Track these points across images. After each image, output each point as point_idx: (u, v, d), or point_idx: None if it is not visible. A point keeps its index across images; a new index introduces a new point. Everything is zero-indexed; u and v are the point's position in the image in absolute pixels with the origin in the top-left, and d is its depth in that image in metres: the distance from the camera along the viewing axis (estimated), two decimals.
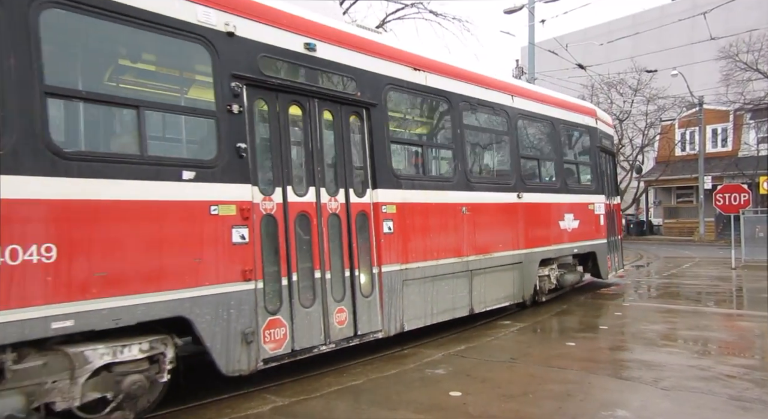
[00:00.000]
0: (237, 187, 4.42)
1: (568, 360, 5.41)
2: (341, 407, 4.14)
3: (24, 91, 3.37)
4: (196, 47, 4.30)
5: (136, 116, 3.93)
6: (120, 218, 3.72)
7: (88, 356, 3.58)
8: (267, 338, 4.55)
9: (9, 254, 3.21)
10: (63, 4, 3.59)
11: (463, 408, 4.09)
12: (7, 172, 3.25)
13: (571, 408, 4.08)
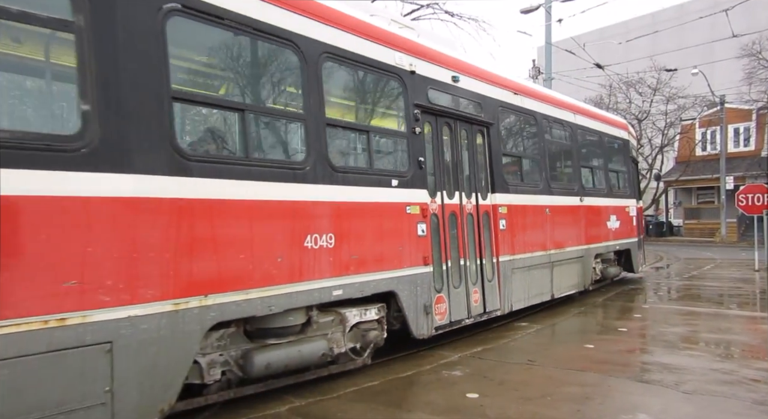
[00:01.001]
0: (419, 192, 5.66)
1: (587, 362, 5.35)
2: (358, 408, 4.13)
3: (313, 127, 4.58)
4: (393, 83, 5.61)
5: (367, 139, 5.28)
6: (364, 215, 4.99)
7: (348, 316, 4.86)
8: (436, 310, 5.80)
9: (309, 242, 4.41)
10: (334, 57, 4.89)
11: (480, 410, 4.05)
12: (310, 182, 4.49)
13: (590, 412, 4.03)
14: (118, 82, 3.33)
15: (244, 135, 4.14)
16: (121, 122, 3.32)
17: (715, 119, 28.81)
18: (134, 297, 3.29)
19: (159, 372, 3.41)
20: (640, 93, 29.74)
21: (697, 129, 31.31)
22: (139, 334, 3.29)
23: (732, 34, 17.68)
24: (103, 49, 3.26)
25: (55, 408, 2.94)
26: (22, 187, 2.88)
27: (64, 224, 3.05)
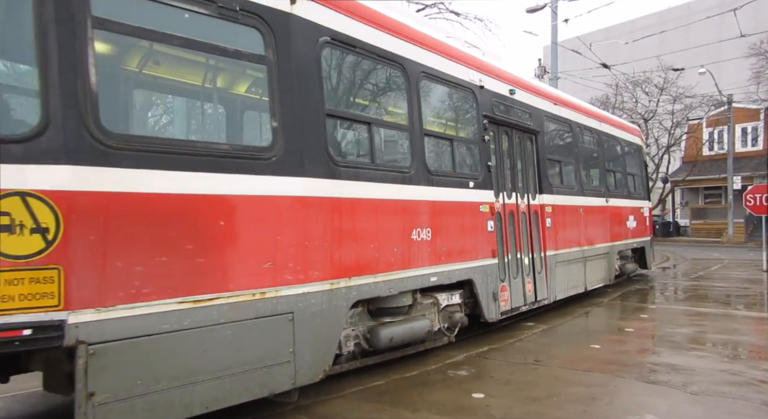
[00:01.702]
0: (488, 192, 6.40)
1: (593, 363, 5.32)
2: (363, 408, 4.13)
3: (415, 136, 5.33)
4: (468, 97, 6.36)
5: (450, 146, 6.03)
6: (451, 212, 5.72)
7: (440, 299, 5.68)
8: (501, 297, 6.52)
9: (417, 234, 5.15)
10: (428, 76, 5.65)
11: (486, 410, 4.04)
12: (414, 183, 5.22)
13: (596, 412, 4.01)
14: (293, 102, 4.04)
15: (371, 144, 4.89)
16: (295, 136, 4.03)
17: (722, 119, 28.63)
18: (306, 277, 4.04)
19: (322, 340, 4.17)
20: (647, 92, 29.59)
21: (704, 129, 31.11)
22: (310, 307, 4.05)
23: (740, 34, 17.55)
24: (283, 76, 3.98)
25: (259, 363, 3.71)
26: (234, 187, 3.61)
27: (263, 217, 3.79)
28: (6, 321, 2.75)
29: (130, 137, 3.32)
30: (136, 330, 3.11)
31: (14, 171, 2.80)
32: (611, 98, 30.36)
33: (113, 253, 3.05)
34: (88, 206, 2.99)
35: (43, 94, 2.95)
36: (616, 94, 30.11)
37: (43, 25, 2.95)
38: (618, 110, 29.66)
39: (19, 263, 2.80)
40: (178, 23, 3.50)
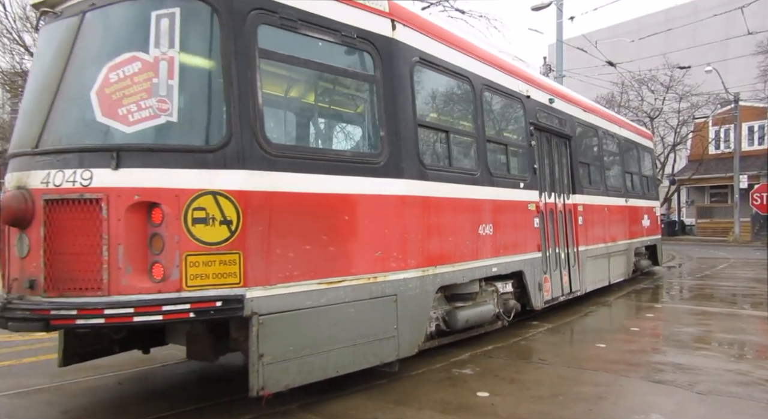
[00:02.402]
0: (533, 192, 7.05)
1: (599, 362, 5.30)
2: (368, 406, 4.12)
3: (480, 142, 6.03)
4: (518, 106, 7.05)
5: (505, 150, 6.69)
6: (506, 210, 6.35)
7: (499, 288, 6.30)
8: (544, 288, 7.18)
9: (483, 229, 5.84)
10: (489, 88, 6.34)
11: (492, 409, 4.03)
12: (480, 184, 5.89)
13: (602, 411, 3.99)
14: (395, 114, 4.66)
15: (448, 149, 5.56)
16: (397, 143, 4.65)
17: (729, 117, 28.47)
18: (406, 265, 4.68)
19: (416, 319, 4.85)
20: (653, 91, 29.45)
21: (710, 127, 30.94)
22: (408, 291, 4.69)
23: (747, 32, 17.45)
24: (387, 92, 4.62)
25: (373, 336, 4.37)
26: (355, 188, 4.28)
27: (375, 213, 4.43)
28: (204, 295, 3.46)
29: (284, 147, 4.00)
30: (289, 305, 3.79)
31: (207, 175, 3.51)
32: (617, 97, 30.23)
33: (274, 241, 3.72)
34: (258, 203, 3.65)
35: (227, 113, 3.62)
36: (621, 93, 29.99)
37: (227, 57, 3.64)
38: (623, 108, 29.54)
39: (212, 249, 3.48)
40: (313, 51, 4.24)
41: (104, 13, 3.83)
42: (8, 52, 15.09)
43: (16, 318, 3.46)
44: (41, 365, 5.37)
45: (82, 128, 3.75)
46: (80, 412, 4.07)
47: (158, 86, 3.56)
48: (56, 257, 3.46)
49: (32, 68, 4.44)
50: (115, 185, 3.44)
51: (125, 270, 3.41)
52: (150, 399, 4.34)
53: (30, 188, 3.56)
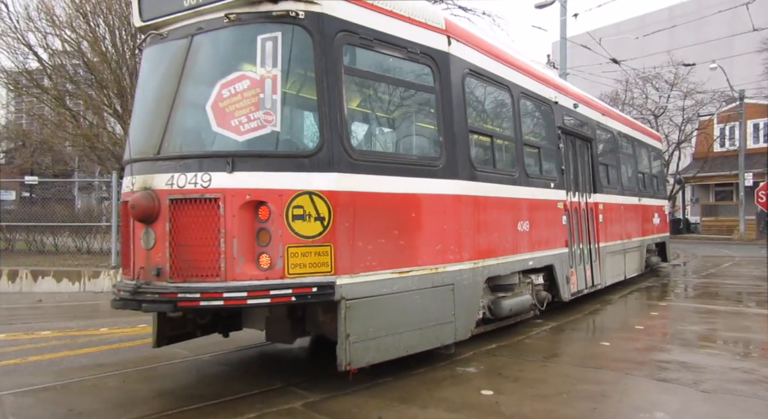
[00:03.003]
0: (561, 192, 7.56)
1: (603, 360, 5.29)
2: (371, 404, 4.12)
3: (518, 146, 6.58)
4: (548, 111, 7.56)
5: (538, 153, 7.18)
6: (540, 208, 6.88)
7: (534, 280, 6.81)
8: (571, 281, 7.68)
9: (522, 226, 6.34)
10: (525, 96, 6.92)
11: (495, 407, 4.02)
12: (518, 184, 6.39)
13: (606, 410, 3.98)
14: (451, 121, 5.17)
15: (493, 152, 6.07)
16: (453, 147, 5.14)
17: (734, 115, 28.31)
18: (461, 257, 5.18)
19: (469, 307, 5.38)
20: (657, 88, 29.32)
21: (715, 125, 30.79)
22: (463, 281, 5.18)
23: (752, 28, 17.34)
24: (444, 101, 5.12)
25: (435, 321, 4.89)
26: (419, 188, 4.78)
27: (435, 210, 4.94)
28: (303, 281, 3.97)
29: (363, 152, 4.49)
30: (369, 292, 4.28)
31: (304, 177, 4.02)
32: (621, 94, 30.11)
33: (357, 235, 4.21)
34: (345, 202, 4.14)
35: (320, 123, 4.15)
36: (626, 90, 29.87)
37: (319, 74, 4.16)
38: (628, 106, 29.43)
39: (308, 241, 3.99)
40: (385, 66, 4.81)
41: (213, 37, 4.35)
42: (12, 52, 15.12)
43: (147, 300, 4.00)
44: (46, 363, 5.39)
45: (200, 137, 4.33)
46: (85, 410, 4.08)
47: (264, 101, 4.06)
48: (180, 249, 3.99)
49: (142, 84, 4.93)
50: (230, 186, 3.97)
51: (239, 260, 3.93)
52: (154, 397, 4.35)
53: (156, 189, 4.09)
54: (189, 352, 5.73)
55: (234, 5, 4.22)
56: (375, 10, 4.55)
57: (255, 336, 5.98)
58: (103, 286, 11.07)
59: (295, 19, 4.14)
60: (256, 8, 4.17)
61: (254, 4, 4.18)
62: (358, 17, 4.42)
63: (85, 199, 24.95)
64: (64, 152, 20.73)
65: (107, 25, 14.14)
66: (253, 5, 4.18)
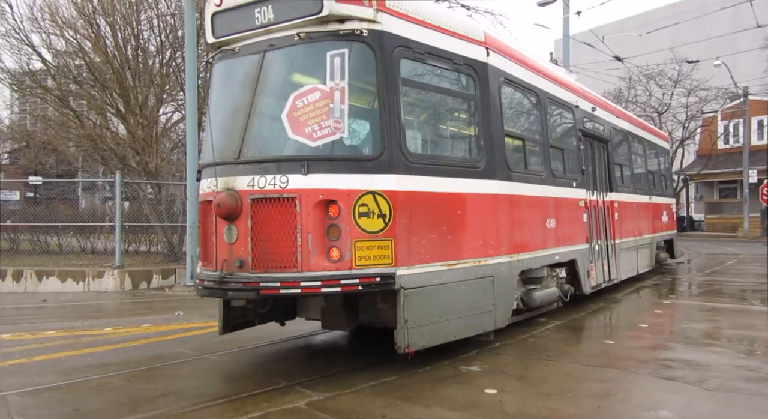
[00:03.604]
0: (582, 191, 7.95)
1: (607, 359, 5.28)
2: (375, 403, 4.13)
3: (546, 147, 7.05)
4: (569, 115, 8.01)
5: (562, 154, 7.57)
6: (564, 206, 7.31)
7: (558, 273, 7.20)
8: (591, 275, 8.06)
9: (549, 223, 6.76)
10: (550, 100, 7.34)
11: (499, 406, 4.02)
12: (545, 184, 6.78)
13: (610, 408, 3.98)
14: (489, 126, 5.57)
15: (524, 154, 6.48)
16: (491, 150, 5.56)
17: (737, 112, 28.21)
18: (499, 251, 5.61)
19: (507, 297, 5.81)
20: (661, 86, 29.22)
21: (719, 122, 30.68)
22: (501, 273, 5.61)
23: (756, 25, 17.26)
24: (484, 107, 5.56)
25: (478, 310, 5.32)
26: (464, 187, 5.24)
27: (477, 208, 5.38)
28: (368, 272, 4.41)
29: (417, 156, 4.90)
30: (423, 282, 4.69)
31: (368, 178, 4.46)
32: (624, 92, 30.02)
33: (413, 230, 4.64)
34: (403, 200, 4.57)
35: (381, 130, 4.58)
36: (629, 88, 29.78)
37: (380, 86, 4.60)
38: (631, 103, 29.33)
39: (372, 236, 4.42)
40: (434, 77, 5.27)
41: (285, 53, 4.80)
42: (16, 53, 15.15)
43: (232, 289, 4.51)
44: (51, 363, 5.42)
45: (276, 143, 4.76)
46: (90, 410, 4.10)
47: (334, 110, 4.48)
48: (260, 243, 4.43)
49: (216, 94, 5.36)
50: (305, 187, 4.41)
51: (313, 252, 4.37)
52: (159, 396, 4.36)
53: (238, 190, 4.51)
54: (193, 352, 5.75)
55: (304, 25, 4.63)
56: (425, 26, 5.01)
57: (261, 335, 6.00)
58: (107, 286, 11.11)
59: (359, 37, 4.57)
60: (325, 27, 4.60)
61: (323, 23, 4.59)
62: (412, 33, 4.87)
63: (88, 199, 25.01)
64: (68, 153, 20.77)
65: (110, 26, 14.17)
66: (322, 25, 4.60)
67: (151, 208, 13.73)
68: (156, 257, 13.79)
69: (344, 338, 6.54)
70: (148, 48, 15.08)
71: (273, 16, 4.76)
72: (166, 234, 13.78)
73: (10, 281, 11.36)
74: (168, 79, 15.27)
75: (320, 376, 4.77)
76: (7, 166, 32.52)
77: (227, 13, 5.06)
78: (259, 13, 4.82)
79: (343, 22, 4.57)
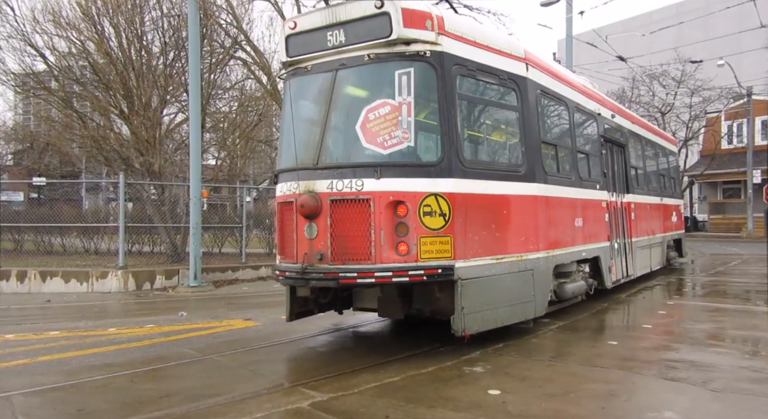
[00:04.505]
0: (605, 192, 8.54)
1: (611, 359, 5.27)
2: (379, 403, 4.12)
3: (573, 152, 7.67)
4: (593, 122, 8.59)
5: (587, 159, 8.09)
6: (589, 206, 7.87)
7: (584, 268, 7.75)
8: (611, 271, 8.61)
9: (577, 222, 7.34)
10: (578, 110, 7.99)
11: (503, 406, 4.01)
12: (574, 186, 7.35)
13: (615, 409, 3.97)
14: (529, 134, 6.18)
15: (556, 159, 7.04)
16: (531, 156, 6.18)
17: (741, 112, 28.11)
18: (538, 247, 6.19)
19: (544, 289, 6.40)
20: (664, 86, 29.13)
21: (722, 122, 30.58)
22: (539, 267, 6.20)
23: (760, 24, 17.20)
24: (524, 117, 6.17)
25: (520, 300, 5.93)
26: (508, 190, 5.84)
27: (519, 208, 5.96)
28: (431, 264, 5.01)
29: (470, 161, 5.48)
30: (476, 274, 5.31)
31: (431, 182, 5.09)
32: (627, 92, 29.95)
33: (468, 228, 5.25)
34: (460, 201, 5.18)
35: (442, 139, 5.21)
36: (632, 88, 29.70)
37: (441, 100, 5.22)
38: (634, 103, 29.26)
39: (434, 233, 5.03)
40: (482, 91, 5.92)
41: (356, 71, 5.42)
42: (19, 55, 15.19)
43: (314, 278, 5.15)
44: (55, 363, 5.43)
45: (351, 151, 5.33)
46: (94, 410, 4.10)
47: (402, 122, 5.09)
48: (338, 238, 5.07)
49: (291, 107, 5.80)
50: (378, 189, 5.01)
51: (384, 247, 4.97)
52: (163, 397, 4.37)
53: (318, 192, 5.14)
54: (197, 352, 5.76)
55: (374, 46, 5.25)
56: (476, 46, 5.63)
57: (264, 336, 6.00)
58: (110, 286, 11.14)
59: (423, 57, 5.18)
60: (392, 49, 5.22)
61: (391, 45, 5.20)
62: (466, 52, 5.48)
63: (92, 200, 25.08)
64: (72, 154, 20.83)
65: (113, 27, 14.20)
66: (389, 47, 5.21)
67: (154, 209, 13.76)
68: (159, 257, 13.82)
69: (347, 339, 6.54)
70: (152, 49, 15.11)
71: (344, 38, 5.39)
72: (169, 235, 13.81)
73: (14, 282, 11.40)
74: (172, 80, 15.31)
75: (323, 377, 4.77)
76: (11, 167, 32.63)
77: (301, 36, 5.69)
78: (331, 35, 5.44)
79: (408, 44, 5.18)
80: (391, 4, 5.11)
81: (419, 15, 5.19)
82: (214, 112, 17.21)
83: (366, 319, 7.50)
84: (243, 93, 19.01)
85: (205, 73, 14.86)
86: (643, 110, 28.45)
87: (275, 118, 22.57)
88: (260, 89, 18.82)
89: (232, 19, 17.06)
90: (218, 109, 17.82)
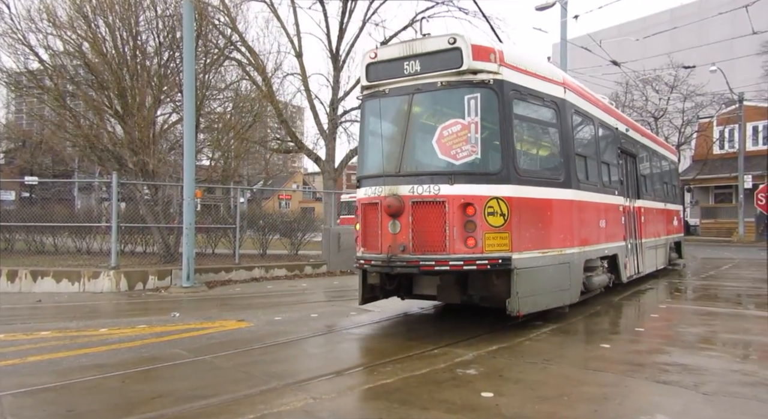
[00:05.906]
0: (621, 197, 9.55)
1: (604, 363, 5.28)
2: (373, 405, 4.11)
3: (598, 162, 8.61)
4: (612, 136, 9.58)
5: (608, 168, 9.00)
6: (610, 210, 8.83)
7: (604, 264, 8.60)
8: (626, 267, 9.57)
9: (601, 223, 8.32)
10: (601, 125, 9.04)
11: (496, 409, 4.01)
12: (598, 192, 8.33)
13: (608, 412, 3.98)
14: (565, 147, 7.23)
15: (586, 169, 7.94)
16: (567, 165, 7.20)
17: (733, 117, 28.34)
18: (573, 244, 7.20)
19: (577, 280, 7.42)
20: (657, 91, 29.33)
21: (714, 127, 30.80)
22: (574, 261, 7.23)
23: (752, 31, 17.36)
24: (562, 133, 7.21)
25: (558, 288, 6.94)
26: (550, 194, 6.82)
27: (559, 211, 6.99)
28: (493, 255, 6.05)
29: (523, 171, 6.43)
30: (527, 264, 6.28)
31: (494, 188, 6.11)
32: (621, 96, 30.11)
33: (522, 226, 6.25)
34: (516, 204, 6.19)
35: (502, 153, 6.24)
36: (626, 92, 29.87)
37: (501, 121, 6.25)
38: (628, 108, 29.42)
39: (496, 229, 6.07)
40: (530, 111, 6.87)
41: (430, 96, 6.51)
42: (13, 53, 15.07)
43: (399, 266, 6.19)
44: (46, 364, 5.38)
45: (429, 161, 6.37)
46: (85, 411, 4.07)
47: (470, 138, 6.16)
48: (418, 233, 6.13)
49: (370, 125, 7.01)
50: (451, 193, 6.08)
51: (456, 241, 6.02)
52: (155, 398, 4.34)
53: (401, 195, 6.21)
54: (189, 353, 5.73)
55: (445, 75, 6.30)
56: (526, 73, 6.62)
57: (258, 337, 5.96)
58: (102, 287, 11.06)
59: (487, 84, 6.20)
60: (462, 78, 6.26)
61: (461, 74, 6.24)
62: (520, 79, 6.48)
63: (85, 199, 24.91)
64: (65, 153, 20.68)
65: (108, 26, 14.13)
66: (459, 75, 6.26)
67: (147, 209, 13.68)
68: (152, 258, 13.74)
69: (340, 341, 6.53)
70: (147, 49, 15.05)
71: (419, 68, 6.44)
72: (162, 235, 13.74)
73: (4, 282, 11.29)
74: (166, 80, 15.24)
75: (317, 378, 4.75)
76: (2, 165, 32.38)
77: (380, 64, 6.75)
78: (408, 65, 6.50)
79: (475, 73, 6.20)
80: (462, 41, 6.16)
81: (485, 50, 6.22)
82: (209, 112, 17.13)
83: (360, 321, 7.48)
84: (238, 94, 18.95)
85: (199, 73, 14.82)
86: (636, 114, 28.61)
87: (270, 119, 22.52)
88: (255, 90, 18.78)
89: (227, 20, 17.04)
90: (213, 109, 17.74)
